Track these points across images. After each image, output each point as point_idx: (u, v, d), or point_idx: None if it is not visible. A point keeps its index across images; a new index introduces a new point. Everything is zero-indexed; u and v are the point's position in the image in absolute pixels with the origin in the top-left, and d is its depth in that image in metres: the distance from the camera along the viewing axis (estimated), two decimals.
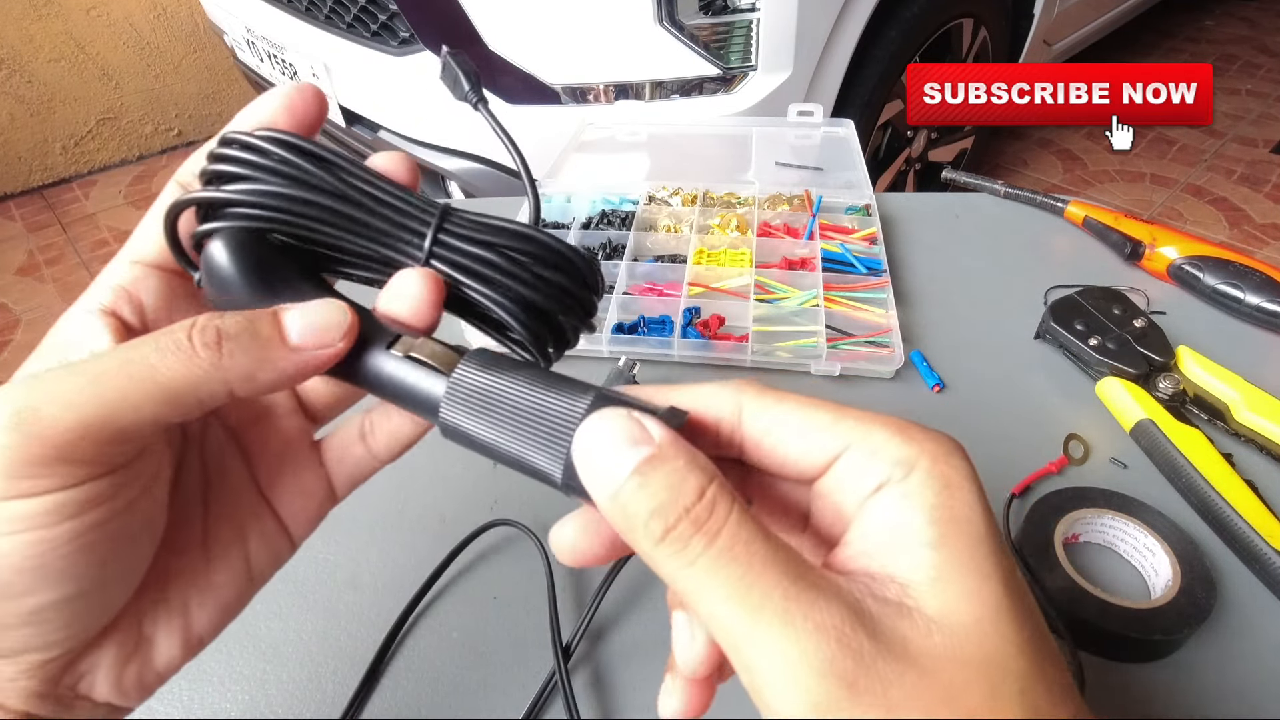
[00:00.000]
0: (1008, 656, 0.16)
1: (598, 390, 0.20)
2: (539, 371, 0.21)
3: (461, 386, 0.21)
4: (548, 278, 0.24)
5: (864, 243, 0.64)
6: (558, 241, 0.24)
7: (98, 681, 0.21)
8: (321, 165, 0.22)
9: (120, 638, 0.21)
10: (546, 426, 0.19)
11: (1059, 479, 0.46)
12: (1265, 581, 0.40)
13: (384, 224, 0.23)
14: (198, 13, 2.45)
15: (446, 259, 0.23)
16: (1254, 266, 0.57)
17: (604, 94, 1.17)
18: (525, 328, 0.23)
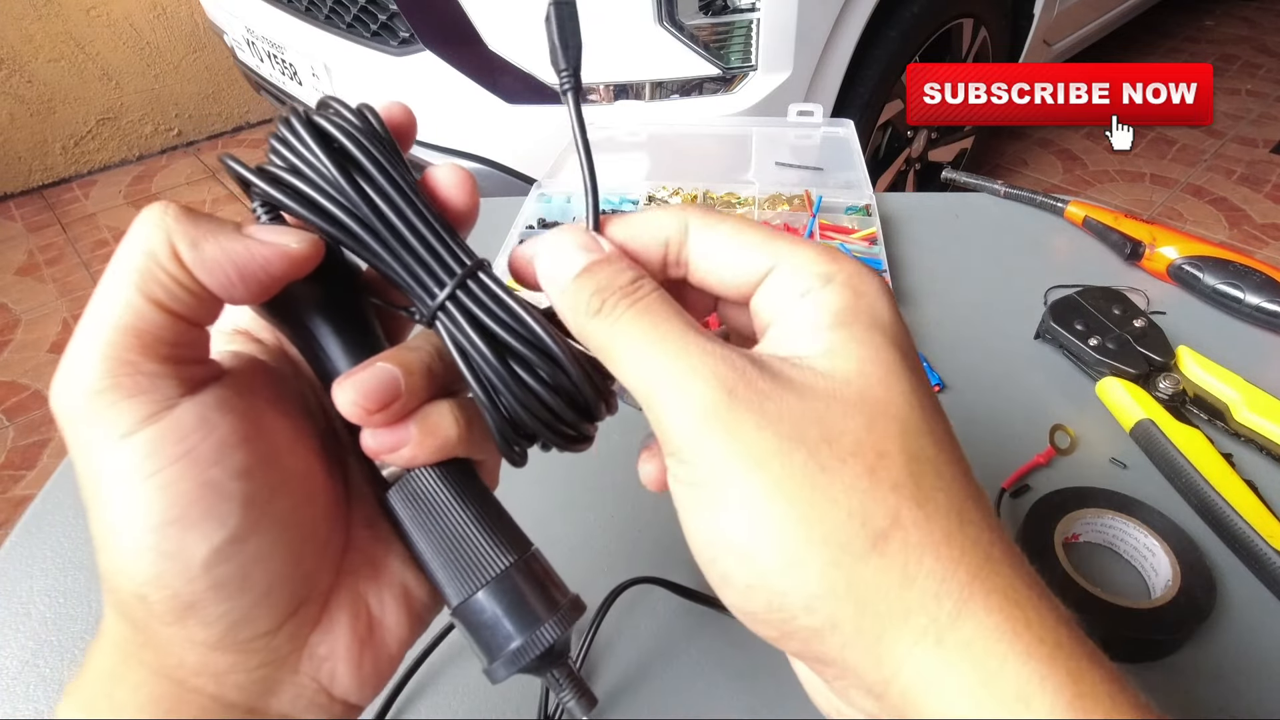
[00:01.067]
0: (891, 403, 0.17)
1: (526, 553, 0.22)
2: (488, 506, 0.22)
3: (417, 484, 0.21)
4: (547, 402, 0.21)
5: (864, 243, 0.64)
6: (577, 363, 0.21)
7: (339, 670, 0.20)
8: (341, 164, 0.20)
9: (349, 617, 0.21)
10: (466, 561, 0.21)
11: (1053, 473, 0.46)
12: (1265, 581, 0.40)
13: (395, 261, 0.21)
14: (198, 13, 2.45)
15: (449, 330, 0.21)
16: (1254, 266, 0.57)
17: (604, 94, 1.17)
18: (499, 433, 0.22)
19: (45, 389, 1.65)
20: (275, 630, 0.19)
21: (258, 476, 0.19)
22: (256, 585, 0.18)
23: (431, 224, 0.21)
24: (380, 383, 0.20)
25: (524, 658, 0.20)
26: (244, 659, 0.19)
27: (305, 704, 0.20)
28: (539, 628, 0.20)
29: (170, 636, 0.18)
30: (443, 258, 0.21)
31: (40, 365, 1.72)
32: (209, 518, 0.17)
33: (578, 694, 0.22)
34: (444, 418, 0.21)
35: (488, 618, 0.21)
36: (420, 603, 0.22)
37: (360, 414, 0.20)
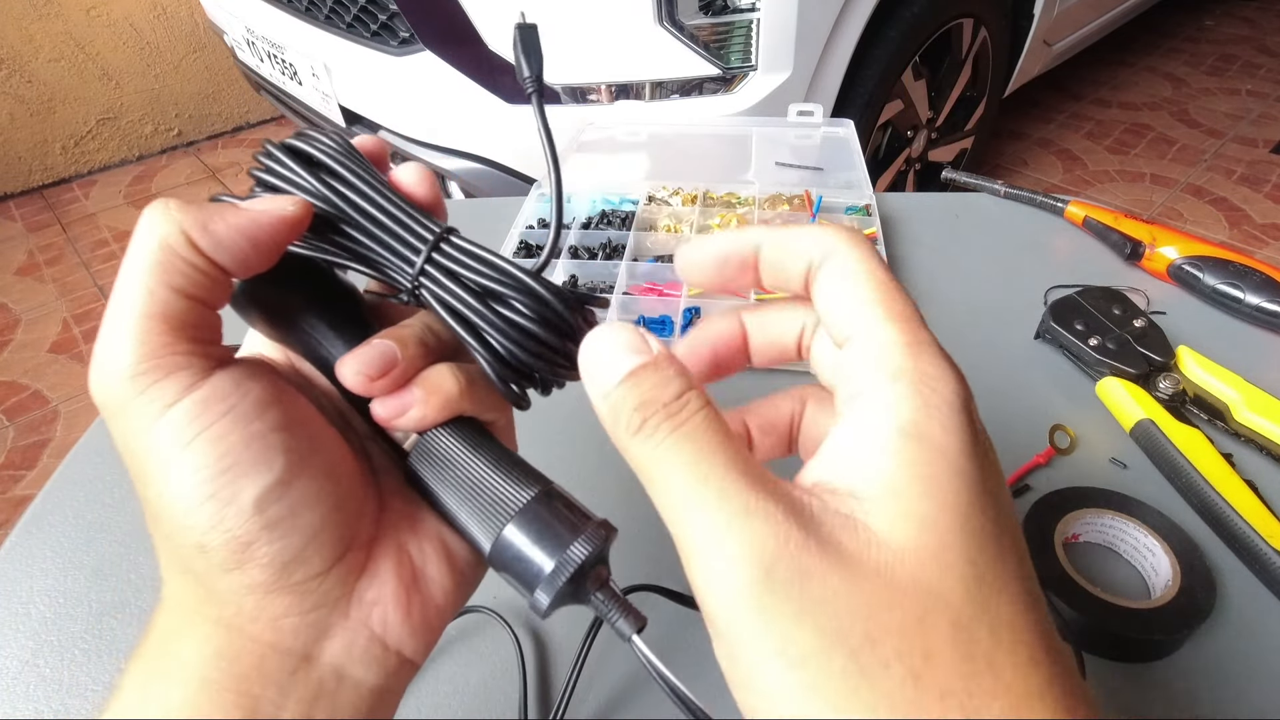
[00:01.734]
0: (947, 589, 0.15)
1: (545, 486, 0.23)
2: (503, 453, 0.23)
3: (432, 443, 0.23)
4: (534, 333, 0.23)
5: None
6: (550, 291, 0.23)
7: (389, 616, 0.21)
8: (312, 169, 0.23)
9: (393, 565, 0.22)
10: (489, 503, 0.22)
11: (1053, 473, 0.46)
12: (1265, 581, 0.40)
13: (372, 242, 0.23)
14: (198, 13, 2.45)
15: (433, 292, 0.23)
16: (1254, 266, 0.57)
17: (604, 94, 1.17)
18: (498, 376, 0.23)
19: (45, 389, 1.65)
20: (325, 572, 0.20)
21: (295, 431, 0.20)
22: (305, 526, 0.20)
23: (400, 204, 0.23)
24: (378, 353, 0.22)
25: (559, 579, 0.21)
26: (297, 600, 0.20)
27: (360, 652, 0.21)
28: (568, 548, 0.21)
29: (229, 585, 0.19)
30: (414, 229, 0.23)
31: (40, 365, 1.72)
32: (258, 464, 0.19)
33: (624, 613, 0.22)
34: (444, 376, 0.23)
35: (519, 552, 0.21)
36: (460, 557, 0.23)
37: (364, 382, 0.21)
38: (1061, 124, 2.41)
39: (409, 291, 0.23)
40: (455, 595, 0.23)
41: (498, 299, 0.23)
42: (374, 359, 0.22)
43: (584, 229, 0.67)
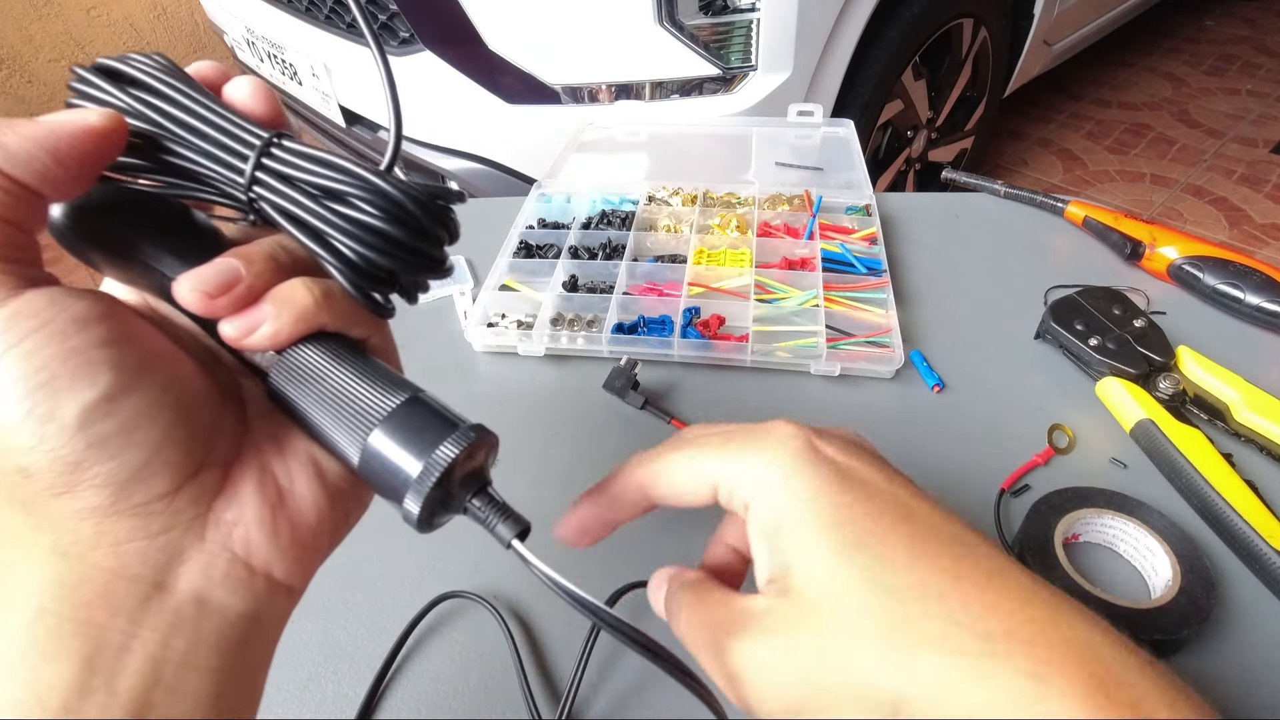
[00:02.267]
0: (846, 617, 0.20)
1: (415, 391, 0.22)
2: (371, 364, 0.22)
3: (293, 360, 0.22)
4: (383, 231, 0.21)
5: (864, 243, 0.64)
6: (396, 187, 0.21)
7: (252, 536, 0.20)
8: (123, 86, 0.22)
9: (254, 485, 0.21)
10: (353, 413, 0.21)
11: (1053, 473, 0.46)
12: (1265, 581, 0.40)
13: (198, 156, 0.22)
14: (198, 13, 2.45)
15: (269, 201, 0.22)
16: (1254, 266, 0.57)
17: (604, 94, 1.17)
18: (351, 283, 0.22)
19: None
20: (172, 493, 0.19)
21: (124, 347, 0.19)
22: (142, 444, 0.18)
23: (221, 113, 0.22)
24: (216, 270, 0.21)
25: (426, 483, 0.20)
26: (142, 524, 0.19)
27: (220, 575, 0.20)
28: (435, 450, 0.20)
29: (61, 510, 0.18)
30: (238, 136, 0.22)
31: None
32: (78, 378, 0.18)
33: (504, 518, 0.22)
34: (295, 289, 0.21)
35: (386, 460, 0.21)
36: (332, 474, 0.23)
37: (202, 299, 0.20)
38: (1061, 124, 2.41)
39: (246, 205, 0.22)
40: (331, 513, 0.23)
41: (339, 199, 0.21)
42: (211, 276, 0.20)
43: (584, 229, 0.67)
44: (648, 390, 0.52)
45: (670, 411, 0.51)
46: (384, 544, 0.43)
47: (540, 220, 0.69)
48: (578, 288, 0.61)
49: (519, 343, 0.56)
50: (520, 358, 0.57)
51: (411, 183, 0.22)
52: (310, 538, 0.22)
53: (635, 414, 0.51)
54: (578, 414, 0.52)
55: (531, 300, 0.60)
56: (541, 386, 0.55)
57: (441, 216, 0.23)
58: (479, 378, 0.56)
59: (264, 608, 0.21)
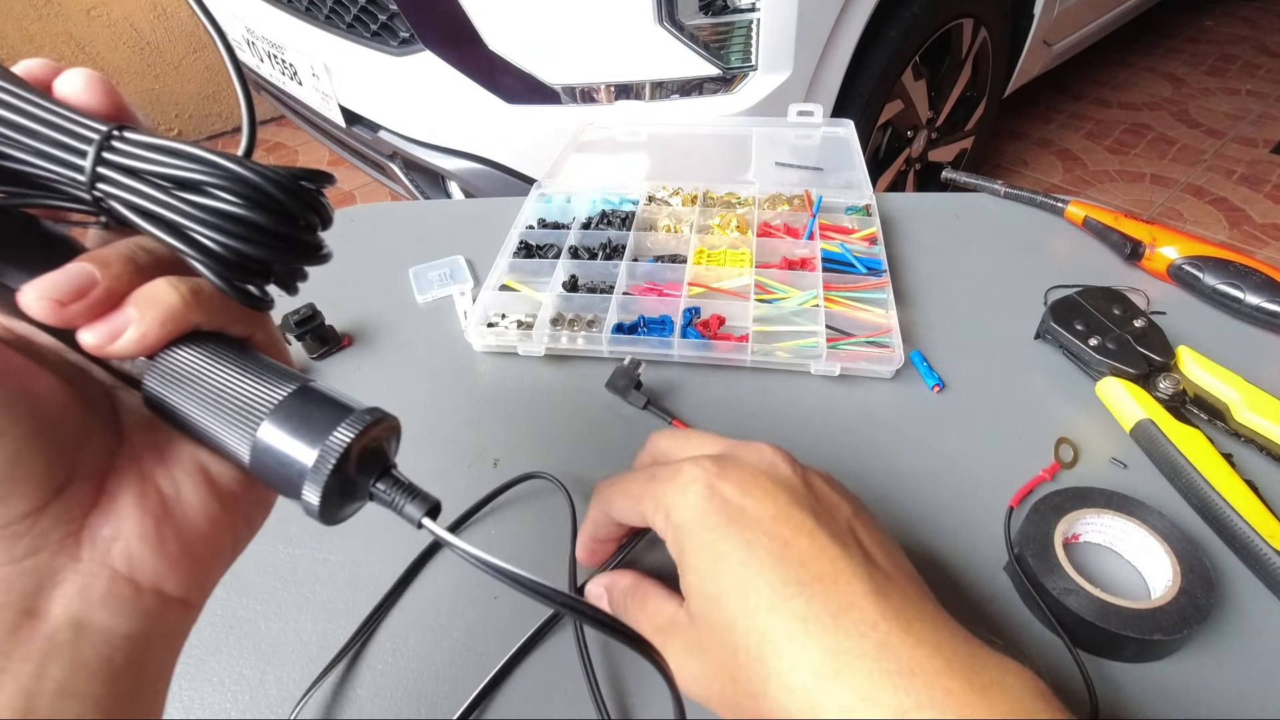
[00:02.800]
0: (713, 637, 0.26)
1: (305, 381, 0.21)
2: (253, 359, 0.21)
3: (168, 363, 0.21)
4: (245, 219, 0.20)
5: (864, 243, 0.64)
6: (254, 171, 0.20)
7: (135, 550, 0.19)
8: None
9: (134, 496, 0.20)
10: (238, 410, 0.20)
11: (1053, 483, 0.46)
12: (1265, 581, 0.40)
13: (27, 153, 0.20)
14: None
15: (117, 198, 0.20)
16: (1254, 267, 0.57)
17: (604, 94, 1.17)
18: (218, 276, 0.21)
19: None
20: (35, 512, 0.18)
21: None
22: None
23: (50, 107, 0.20)
24: (67, 276, 0.19)
25: (323, 470, 0.19)
26: (4, 547, 0.18)
27: (100, 595, 0.19)
28: (329, 435, 0.19)
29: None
30: (73, 130, 0.20)
31: None
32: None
33: (411, 497, 0.21)
34: (160, 289, 0.20)
35: (278, 454, 0.20)
36: (223, 479, 0.22)
37: (52, 307, 0.18)
38: (1061, 124, 2.41)
39: (93, 205, 0.21)
40: (227, 519, 0.22)
41: (194, 189, 0.20)
42: (60, 281, 0.19)
43: (584, 229, 0.67)
44: (649, 390, 0.52)
45: (671, 411, 0.51)
46: None
47: (540, 220, 0.69)
48: (578, 288, 0.61)
49: (519, 343, 0.56)
50: (520, 358, 0.57)
51: (272, 166, 0.20)
52: (204, 547, 0.21)
53: (636, 414, 0.51)
54: (578, 414, 0.52)
55: (531, 300, 0.60)
56: (541, 387, 0.55)
57: (309, 199, 0.21)
58: (479, 378, 0.56)
59: (154, 625, 0.20)
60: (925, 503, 0.45)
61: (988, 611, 0.40)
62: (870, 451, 0.48)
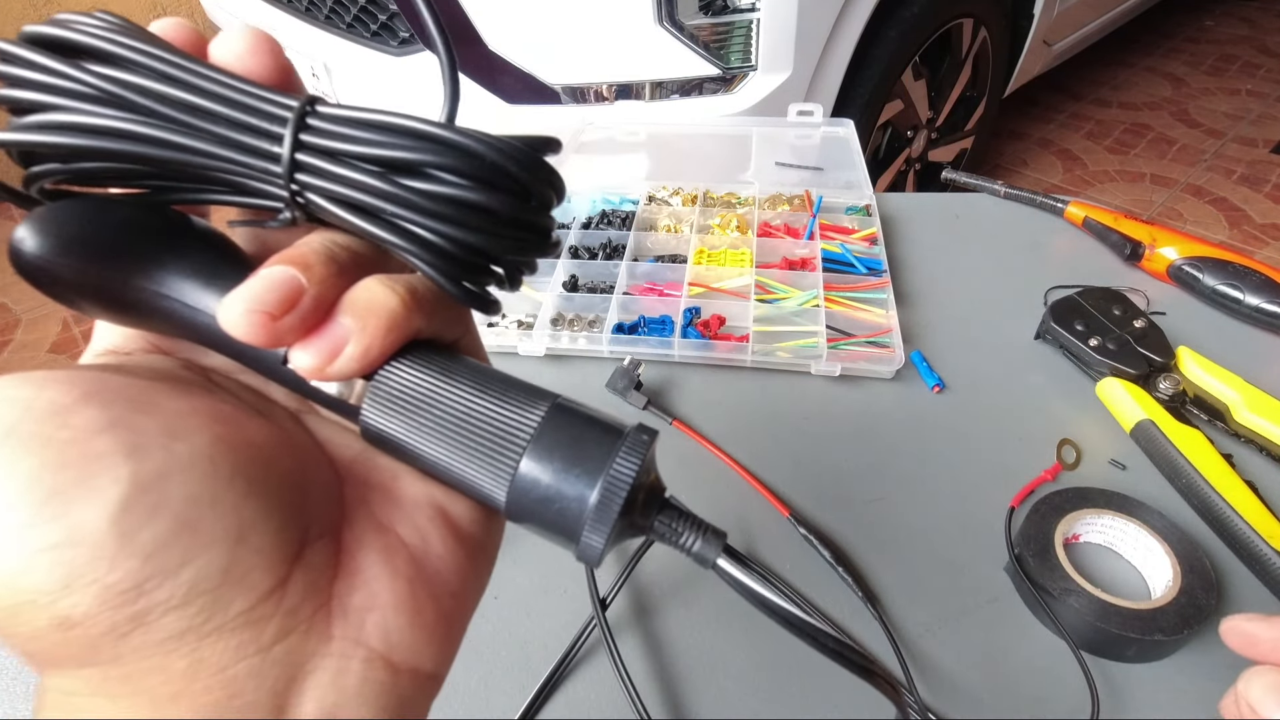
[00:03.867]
0: None
1: (554, 399, 0.17)
2: (485, 371, 0.18)
3: (389, 384, 0.17)
4: (472, 202, 0.16)
5: (864, 243, 0.64)
6: (486, 143, 0.16)
7: (391, 622, 0.16)
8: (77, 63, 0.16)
9: (379, 553, 0.17)
10: (490, 438, 0.16)
11: (1054, 484, 0.46)
12: (1265, 581, 0.40)
13: (208, 146, 0.16)
14: (198, 13, 2.45)
15: (320, 189, 0.16)
16: (1254, 267, 0.57)
17: (604, 94, 1.17)
18: (444, 275, 0.17)
19: None
20: (279, 587, 0.15)
21: (136, 420, 0.14)
22: (217, 535, 0.14)
23: (231, 83, 0.16)
24: (270, 283, 0.15)
25: (610, 512, 0.16)
26: (251, 636, 0.14)
27: (356, 682, 0.15)
28: (611, 467, 0.16)
29: (138, 649, 0.13)
30: (261, 110, 0.16)
31: (40, 365, 1.71)
32: (89, 477, 0.13)
33: (701, 532, 0.18)
34: (377, 291, 0.16)
35: (546, 490, 0.16)
36: (464, 518, 0.18)
37: (263, 323, 0.15)
38: (1061, 124, 2.41)
39: (289, 203, 0.17)
40: (472, 570, 0.18)
41: (409, 171, 0.16)
42: (265, 291, 0.15)
43: (584, 229, 0.67)
44: (649, 390, 0.52)
45: (671, 412, 0.51)
46: None
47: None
48: (578, 288, 0.61)
49: (519, 343, 0.56)
50: (521, 358, 0.57)
51: (500, 137, 0.16)
52: (456, 608, 0.18)
53: (636, 414, 0.51)
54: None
55: (532, 300, 0.60)
56: (542, 386, 0.55)
57: (545, 174, 0.17)
58: None
59: (407, 713, 0.16)
60: (925, 503, 0.45)
61: (988, 612, 0.40)
62: (870, 452, 0.48)
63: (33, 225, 0.16)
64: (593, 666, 0.38)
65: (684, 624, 0.40)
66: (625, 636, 0.39)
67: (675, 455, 0.49)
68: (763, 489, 0.46)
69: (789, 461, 0.48)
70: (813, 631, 0.17)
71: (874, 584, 0.41)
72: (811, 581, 0.41)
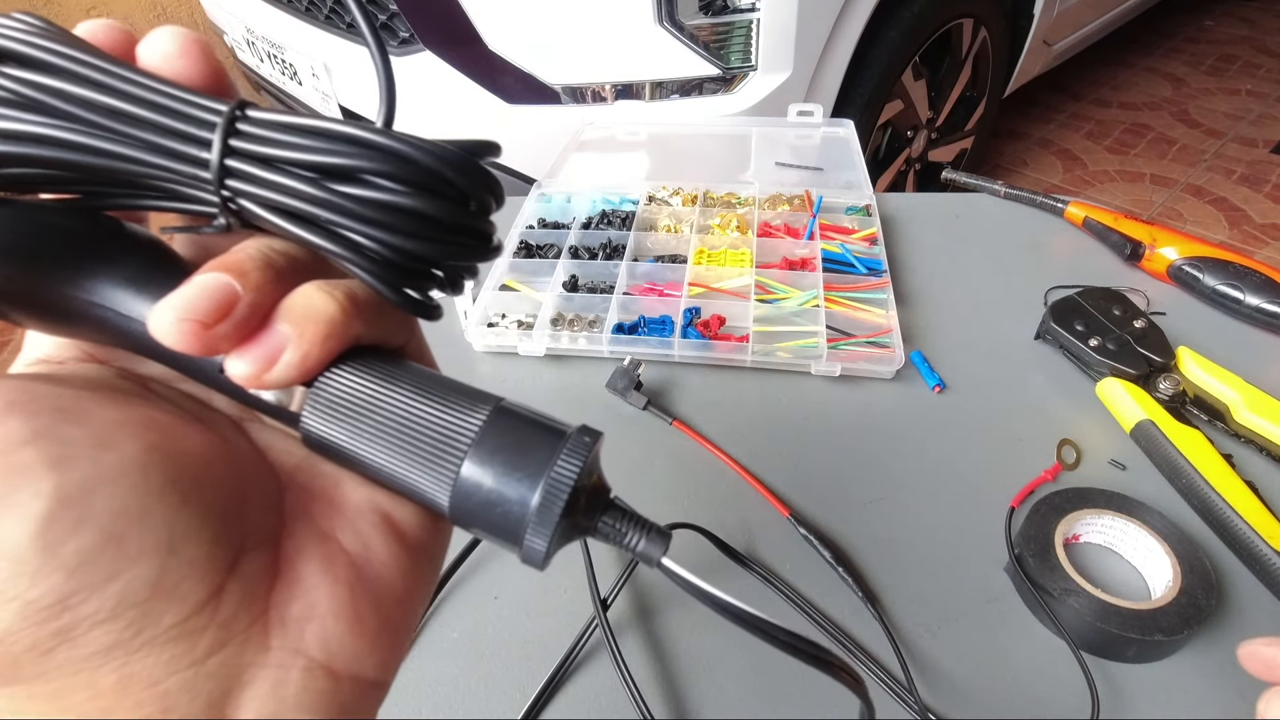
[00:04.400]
0: None
1: (496, 401, 0.17)
2: (428, 376, 0.17)
3: (330, 390, 0.17)
4: (411, 209, 0.16)
5: (864, 243, 0.64)
6: (422, 148, 0.16)
7: (331, 630, 0.16)
8: (21, 79, 0.16)
9: (319, 560, 0.17)
10: (431, 442, 0.16)
11: (1054, 484, 0.46)
12: (1265, 582, 0.40)
13: (129, 147, 0.16)
14: (198, 13, 2.45)
15: (253, 196, 0.16)
16: (1254, 267, 0.57)
17: (604, 94, 1.17)
18: (384, 283, 0.17)
19: None
20: (212, 598, 0.14)
21: (62, 431, 0.14)
22: (147, 546, 0.13)
23: (158, 86, 0.16)
24: (205, 290, 0.15)
25: (552, 512, 0.16)
26: (184, 649, 0.14)
27: (295, 692, 0.15)
28: (553, 468, 0.16)
29: (62, 667, 0.13)
30: (190, 115, 0.16)
31: None
32: (11, 491, 0.13)
33: (645, 532, 0.18)
34: (315, 297, 0.16)
35: (488, 494, 0.16)
36: (409, 523, 0.18)
37: (196, 331, 0.15)
38: (1061, 124, 2.41)
39: (222, 209, 0.17)
40: (415, 575, 0.18)
41: (344, 177, 0.16)
42: (199, 299, 0.15)
43: (584, 229, 0.67)
44: (649, 390, 0.52)
45: (671, 411, 0.51)
46: None
47: (540, 220, 0.69)
48: (578, 288, 0.61)
49: (519, 343, 0.56)
50: (520, 358, 0.57)
51: (437, 142, 0.16)
52: (400, 613, 0.17)
53: (636, 414, 0.51)
54: (578, 414, 0.52)
55: (532, 300, 0.60)
56: (542, 387, 0.55)
57: (484, 178, 0.17)
58: (479, 378, 0.56)
59: (351, 717, 0.16)
60: (925, 503, 0.45)
61: (988, 612, 0.40)
62: (870, 452, 0.48)
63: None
64: (594, 667, 0.38)
65: (685, 624, 0.40)
66: (626, 637, 0.39)
67: (675, 455, 0.49)
68: (763, 489, 0.46)
69: (789, 461, 0.48)
70: (764, 626, 0.17)
71: (874, 584, 0.41)
72: (811, 582, 0.41)
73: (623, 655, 0.37)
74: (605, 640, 0.38)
